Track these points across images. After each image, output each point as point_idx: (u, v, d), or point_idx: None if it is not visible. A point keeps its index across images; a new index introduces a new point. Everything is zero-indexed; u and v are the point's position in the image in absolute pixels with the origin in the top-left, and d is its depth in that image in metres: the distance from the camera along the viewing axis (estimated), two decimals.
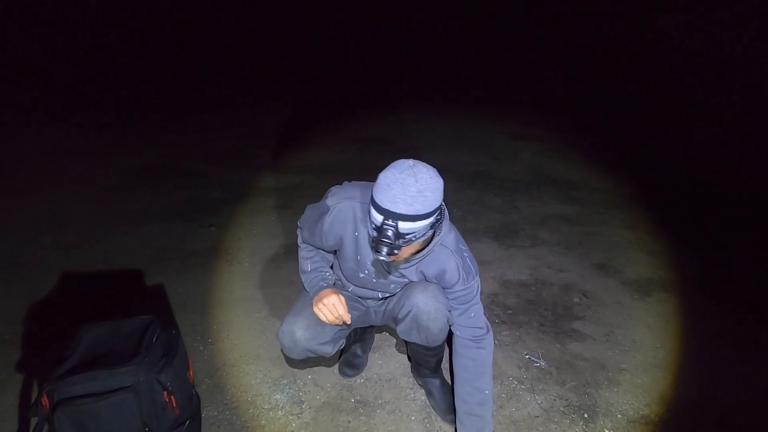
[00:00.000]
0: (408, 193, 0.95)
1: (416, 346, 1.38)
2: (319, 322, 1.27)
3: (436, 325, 1.25)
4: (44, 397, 1.06)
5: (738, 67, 6.43)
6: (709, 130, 5.09)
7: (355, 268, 1.29)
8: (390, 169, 1.00)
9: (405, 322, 1.27)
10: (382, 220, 0.98)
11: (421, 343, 1.32)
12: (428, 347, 1.35)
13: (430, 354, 1.41)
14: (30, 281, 2.13)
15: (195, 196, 3.15)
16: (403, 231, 0.98)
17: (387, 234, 0.97)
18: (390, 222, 0.97)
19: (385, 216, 0.97)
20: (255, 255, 2.41)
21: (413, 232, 1.00)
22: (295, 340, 1.27)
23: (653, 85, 6.75)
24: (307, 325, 1.27)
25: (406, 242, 1.01)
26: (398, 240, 0.98)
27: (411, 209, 0.96)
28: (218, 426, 1.41)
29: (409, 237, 1.00)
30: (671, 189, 3.47)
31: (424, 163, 1.02)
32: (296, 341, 1.27)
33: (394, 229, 0.97)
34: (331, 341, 1.32)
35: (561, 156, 4.14)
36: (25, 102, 5.66)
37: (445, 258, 1.20)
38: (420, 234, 1.02)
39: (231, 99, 6.25)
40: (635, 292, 2.15)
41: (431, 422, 1.44)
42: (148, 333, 1.23)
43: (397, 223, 0.97)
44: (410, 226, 0.98)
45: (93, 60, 7.66)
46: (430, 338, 1.29)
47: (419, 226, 0.99)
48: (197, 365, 1.64)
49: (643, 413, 1.49)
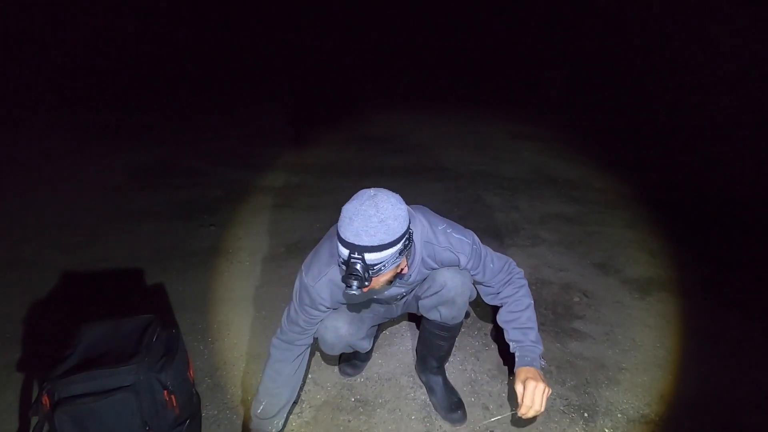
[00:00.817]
0: (370, 224, 0.95)
1: (433, 328, 1.39)
2: (359, 318, 1.34)
3: (462, 299, 1.28)
4: (44, 396, 1.06)
5: (737, 67, 6.43)
6: (709, 130, 5.09)
7: (363, 310, 1.37)
8: (352, 202, 0.99)
9: (429, 298, 1.29)
10: (348, 254, 0.97)
11: (441, 320, 1.33)
12: (446, 326, 1.36)
13: (446, 337, 1.41)
14: (30, 280, 2.14)
15: (195, 195, 3.15)
16: (370, 262, 0.97)
17: (355, 267, 0.96)
18: (356, 255, 0.96)
19: (351, 249, 0.97)
20: (255, 254, 2.41)
21: (381, 262, 0.99)
22: (340, 336, 1.29)
23: (654, 84, 6.75)
24: (350, 321, 1.31)
25: (376, 273, 1.00)
26: (367, 272, 0.97)
27: (374, 240, 0.95)
28: (218, 425, 1.41)
29: (377, 267, 0.99)
30: (671, 188, 3.47)
31: (386, 191, 1.02)
32: (341, 336, 1.30)
33: (361, 262, 0.96)
34: (366, 336, 1.38)
35: (561, 155, 4.15)
36: (25, 102, 5.66)
37: (436, 252, 1.21)
38: (390, 263, 1.01)
39: (231, 99, 6.25)
40: (635, 292, 2.15)
41: (431, 421, 1.44)
42: (148, 332, 1.23)
43: (363, 255, 0.96)
44: (377, 256, 0.97)
45: (92, 60, 7.66)
46: (453, 313, 1.31)
47: (386, 255, 0.99)
48: (197, 364, 1.64)
49: (643, 412, 1.49)
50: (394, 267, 1.04)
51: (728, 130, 5.04)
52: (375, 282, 1.04)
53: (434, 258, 1.22)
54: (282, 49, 9.24)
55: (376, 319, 1.45)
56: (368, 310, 1.41)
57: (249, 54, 8.92)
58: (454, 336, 1.44)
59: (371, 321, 1.42)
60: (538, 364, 1.21)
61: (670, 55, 7.23)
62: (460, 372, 1.64)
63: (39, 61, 7.16)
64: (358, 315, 1.35)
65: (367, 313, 1.40)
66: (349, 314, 1.32)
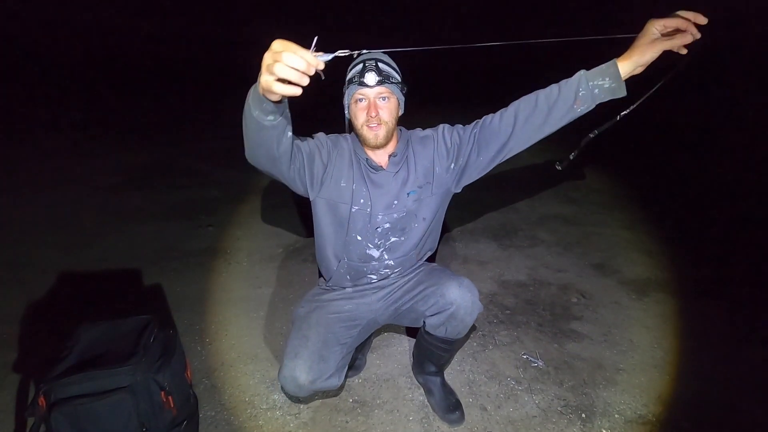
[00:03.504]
0: (373, 53, 1.19)
1: (435, 341, 1.37)
2: (321, 357, 1.22)
3: (471, 318, 1.28)
4: (41, 397, 1.05)
5: (736, 67, 6.44)
6: (707, 130, 5.10)
7: (346, 202, 1.27)
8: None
9: (438, 316, 1.28)
10: (362, 65, 1.17)
11: (448, 336, 1.32)
12: (448, 340, 1.35)
13: (448, 349, 1.41)
14: (27, 281, 2.13)
15: (193, 196, 3.14)
16: (382, 69, 1.18)
17: (371, 66, 1.16)
18: (370, 62, 1.17)
19: (364, 62, 1.17)
20: (253, 255, 2.41)
21: (390, 75, 1.19)
22: (299, 385, 1.20)
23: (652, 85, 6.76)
24: (308, 367, 1.20)
25: (387, 82, 1.18)
26: (380, 72, 1.17)
27: (383, 57, 1.20)
28: (216, 426, 1.41)
29: (390, 75, 1.19)
30: (669, 189, 3.48)
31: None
32: (300, 386, 1.20)
33: (374, 65, 1.17)
34: (336, 372, 1.25)
35: (559, 156, 4.15)
36: (23, 102, 5.64)
37: (415, 135, 1.36)
38: (395, 82, 1.20)
39: (229, 99, 6.24)
40: (633, 293, 2.15)
41: (429, 422, 1.44)
42: (145, 333, 1.22)
43: (377, 62, 1.17)
44: (386, 68, 1.19)
45: (91, 60, 7.64)
46: (460, 330, 1.31)
47: (393, 72, 1.21)
48: (195, 365, 1.64)
49: (640, 413, 1.49)
50: (396, 102, 1.24)
51: (727, 130, 5.05)
52: (384, 108, 1.20)
53: (420, 140, 1.35)
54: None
55: (347, 347, 1.32)
56: (337, 336, 1.29)
57: (247, 54, 8.91)
58: (456, 348, 1.44)
59: (340, 352, 1.28)
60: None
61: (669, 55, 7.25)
62: (458, 372, 1.64)
63: (37, 60, 7.13)
64: (319, 355, 1.22)
65: (334, 347, 1.27)
66: (307, 358, 1.21)
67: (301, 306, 1.40)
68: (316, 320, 1.31)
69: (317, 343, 1.25)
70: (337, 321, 1.33)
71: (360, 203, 1.28)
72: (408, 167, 1.32)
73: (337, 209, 1.29)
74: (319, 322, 1.31)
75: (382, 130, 1.23)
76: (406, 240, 1.35)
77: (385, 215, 1.30)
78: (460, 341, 1.39)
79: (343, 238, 1.31)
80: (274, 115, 0.93)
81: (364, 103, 1.21)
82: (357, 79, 1.18)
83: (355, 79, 1.19)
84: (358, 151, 1.30)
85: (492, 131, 1.23)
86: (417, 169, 1.31)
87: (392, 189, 1.30)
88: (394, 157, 1.30)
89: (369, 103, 1.21)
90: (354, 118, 1.25)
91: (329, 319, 1.32)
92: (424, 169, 1.32)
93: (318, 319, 1.31)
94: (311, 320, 1.31)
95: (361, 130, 1.24)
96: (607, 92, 1.05)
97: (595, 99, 1.07)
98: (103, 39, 8.25)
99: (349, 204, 1.28)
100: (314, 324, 1.30)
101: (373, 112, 1.20)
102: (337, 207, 1.28)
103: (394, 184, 1.30)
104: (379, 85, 1.18)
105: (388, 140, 1.26)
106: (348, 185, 1.27)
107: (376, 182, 1.29)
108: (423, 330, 1.39)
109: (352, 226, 1.29)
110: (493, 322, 1.92)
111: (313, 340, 1.25)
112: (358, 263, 1.35)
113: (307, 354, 1.22)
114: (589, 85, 1.06)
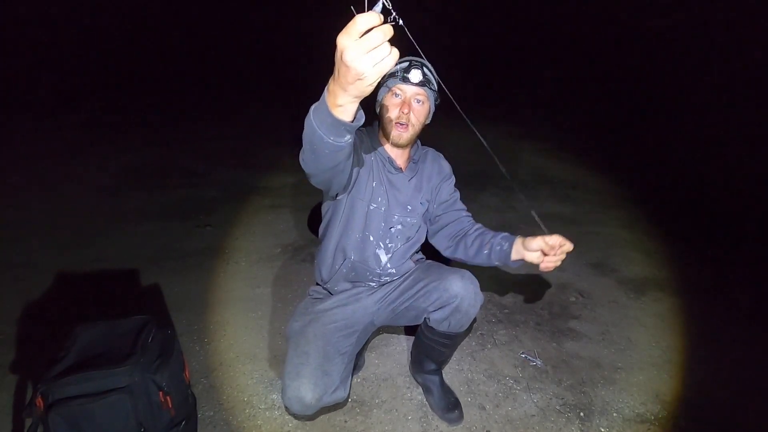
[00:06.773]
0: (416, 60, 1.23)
1: (436, 337, 1.37)
2: (324, 372, 1.19)
3: (475, 310, 1.30)
4: (39, 397, 1.05)
5: (735, 67, 6.46)
6: (705, 130, 5.11)
7: (364, 199, 1.29)
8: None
9: (442, 311, 1.29)
10: (409, 63, 1.21)
11: (450, 330, 1.33)
12: (450, 335, 1.36)
13: (449, 344, 1.41)
14: (25, 281, 2.12)
15: (191, 195, 3.14)
16: (426, 73, 1.21)
17: (417, 66, 1.20)
18: (417, 62, 1.21)
19: (411, 61, 1.21)
20: (251, 255, 2.41)
21: (431, 80, 1.23)
22: (306, 405, 1.16)
23: (651, 86, 6.77)
24: (313, 384, 1.16)
25: (427, 86, 1.21)
26: (425, 77, 1.20)
27: (427, 63, 1.22)
28: (214, 426, 1.41)
29: (431, 81, 1.22)
30: (667, 189, 3.49)
31: None
32: (307, 405, 1.16)
33: (420, 65, 1.20)
34: (340, 384, 1.22)
35: (558, 156, 4.16)
36: (20, 102, 5.62)
37: (440, 158, 1.46)
38: (433, 89, 1.24)
39: (227, 99, 6.23)
40: (631, 291, 2.16)
41: (428, 421, 1.44)
42: (143, 333, 1.22)
43: (422, 65, 1.21)
44: (429, 74, 1.23)
45: (90, 60, 7.62)
46: (464, 323, 1.32)
47: (433, 80, 1.23)
48: (193, 365, 1.63)
49: (638, 411, 1.49)
50: (428, 109, 1.28)
51: (726, 130, 5.07)
52: (418, 110, 1.24)
53: (436, 159, 1.42)
54: (280, 49, 9.23)
55: (348, 356, 1.30)
56: (337, 347, 1.27)
57: (247, 54, 8.89)
58: (457, 344, 1.46)
59: (342, 362, 1.25)
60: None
61: (668, 56, 7.26)
62: (456, 372, 1.64)
63: (34, 60, 7.11)
64: (321, 369, 1.19)
65: (335, 358, 1.24)
66: (310, 376, 1.17)
67: (295, 320, 1.36)
68: (314, 334, 1.27)
69: (318, 358, 1.21)
70: (335, 331, 1.30)
71: (378, 201, 1.30)
72: (421, 177, 1.37)
73: (354, 206, 1.29)
74: (317, 335, 1.27)
75: (408, 132, 1.26)
76: (410, 247, 1.40)
77: (400, 216, 1.34)
78: (462, 335, 1.40)
79: (354, 236, 1.31)
80: (350, 134, 0.87)
81: (400, 98, 1.23)
82: (400, 73, 1.21)
83: (398, 73, 1.21)
84: (379, 148, 1.31)
85: (438, 216, 1.43)
86: (428, 184, 1.38)
87: (407, 193, 1.33)
88: (413, 164, 1.35)
89: (404, 100, 1.22)
90: (385, 110, 1.26)
91: (327, 330, 1.29)
92: (431, 187, 1.38)
93: (315, 332, 1.28)
94: (308, 335, 1.27)
95: (389, 125, 1.25)
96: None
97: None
98: (100, 38, 8.23)
99: (367, 202, 1.29)
100: (312, 338, 1.26)
101: (406, 109, 1.22)
102: (354, 204, 1.29)
103: (409, 189, 1.34)
104: (420, 86, 1.21)
105: (409, 143, 1.29)
106: (369, 183, 1.29)
107: (394, 183, 1.32)
108: (424, 326, 1.39)
109: (368, 224, 1.31)
110: (491, 321, 1.92)
111: (314, 355, 1.22)
112: (364, 265, 1.35)
113: (310, 371, 1.18)
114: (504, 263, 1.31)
